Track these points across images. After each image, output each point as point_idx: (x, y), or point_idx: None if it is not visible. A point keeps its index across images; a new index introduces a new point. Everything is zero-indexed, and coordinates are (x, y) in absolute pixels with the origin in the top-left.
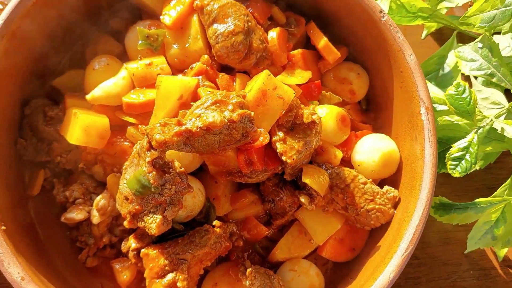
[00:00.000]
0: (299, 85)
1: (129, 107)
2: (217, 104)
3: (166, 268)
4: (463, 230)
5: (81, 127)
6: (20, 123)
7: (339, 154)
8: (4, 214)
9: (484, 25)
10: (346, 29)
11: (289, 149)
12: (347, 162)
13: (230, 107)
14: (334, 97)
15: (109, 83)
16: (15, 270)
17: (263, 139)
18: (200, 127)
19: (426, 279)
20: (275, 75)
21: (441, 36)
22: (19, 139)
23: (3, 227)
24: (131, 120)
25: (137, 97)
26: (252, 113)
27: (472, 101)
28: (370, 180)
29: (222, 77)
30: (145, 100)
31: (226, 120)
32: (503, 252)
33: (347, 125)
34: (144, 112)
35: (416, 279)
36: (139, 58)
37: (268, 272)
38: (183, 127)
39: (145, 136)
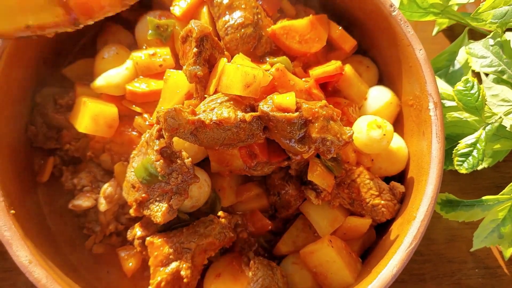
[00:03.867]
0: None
1: (132, 95)
2: (231, 102)
3: (171, 256)
4: (469, 228)
5: (90, 115)
6: (31, 110)
7: (353, 156)
8: (13, 199)
9: (495, 21)
10: (355, 22)
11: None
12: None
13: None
14: None
15: (112, 73)
16: (23, 253)
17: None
18: (213, 120)
19: (430, 276)
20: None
21: (452, 33)
22: (29, 126)
23: (12, 211)
24: (138, 109)
25: (139, 85)
26: None
27: (480, 97)
28: (377, 175)
29: None
30: (148, 90)
31: (238, 119)
32: (509, 251)
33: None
34: (146, 101)
35: (421, 276)
36: (144, 47)
37: (271, 264)
38: (197, 117)
39: (154, 125)
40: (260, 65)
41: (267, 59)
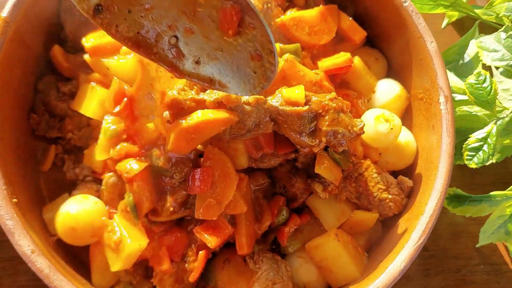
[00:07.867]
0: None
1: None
2: None
3: None
4: (475, 223)
5: (98, 101)
6: (33, 98)
7: (361, 149)
8: (15, 187)
9: (508, 14)
10: (365, 13)
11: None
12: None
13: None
14: None
15: None
16: (26, 243)
17: None
18: (215, 99)
19: (435, 271)
20: None
21: (461, 27)
22: (31, 114)
23: (15, 200)
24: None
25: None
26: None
27: (492, 90)
28: (384, 170)
29: None
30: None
31: (241, 100)
32: None
33: None
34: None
35: (425, 271)
36: None
37: (275, 257)
38: (200, 96)
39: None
40: None
41: (280, 45)
